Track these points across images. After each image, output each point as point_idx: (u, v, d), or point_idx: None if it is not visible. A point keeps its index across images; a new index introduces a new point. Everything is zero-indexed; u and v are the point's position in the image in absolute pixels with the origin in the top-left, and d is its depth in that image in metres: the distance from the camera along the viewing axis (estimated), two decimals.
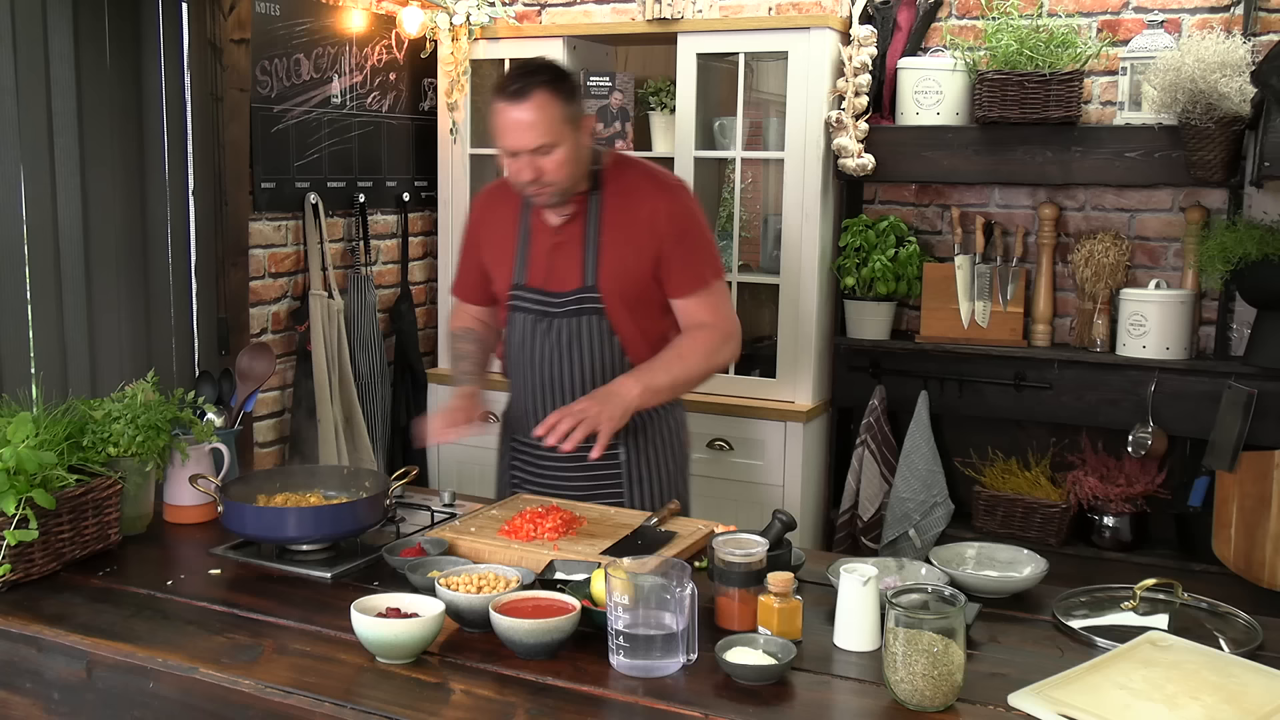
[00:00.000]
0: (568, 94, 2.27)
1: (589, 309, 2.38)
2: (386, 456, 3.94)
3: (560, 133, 2.25)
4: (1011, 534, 3.44)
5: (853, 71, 3.49)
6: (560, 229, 2.40)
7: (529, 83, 2.23)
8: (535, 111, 2.22)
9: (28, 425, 1.94)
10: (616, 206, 2.38)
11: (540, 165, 2.26)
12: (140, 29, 3.13)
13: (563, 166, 2.27)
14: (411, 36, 3.90)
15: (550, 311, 2.40)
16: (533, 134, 2.23)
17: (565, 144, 2.26)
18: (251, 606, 1.86)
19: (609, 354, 2.40)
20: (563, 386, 2.42)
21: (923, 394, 3.63)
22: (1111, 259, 3.43)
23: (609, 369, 2.40)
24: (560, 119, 2.25)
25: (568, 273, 2.39)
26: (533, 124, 2.22)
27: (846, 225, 3.66)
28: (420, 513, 2.33)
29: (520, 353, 2.46)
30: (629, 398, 2.28)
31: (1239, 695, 1.51)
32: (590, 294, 2.37)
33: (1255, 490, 3.09)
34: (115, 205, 3.09)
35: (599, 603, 1.72)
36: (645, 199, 2.38)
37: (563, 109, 2.25)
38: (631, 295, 2.38)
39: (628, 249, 2.37)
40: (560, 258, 2.40)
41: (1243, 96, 3.00)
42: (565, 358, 2.40)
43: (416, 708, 1.52)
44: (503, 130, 2.26)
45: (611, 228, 2.37)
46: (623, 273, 2.37)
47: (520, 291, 2.44)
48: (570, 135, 2.27)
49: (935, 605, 1.57)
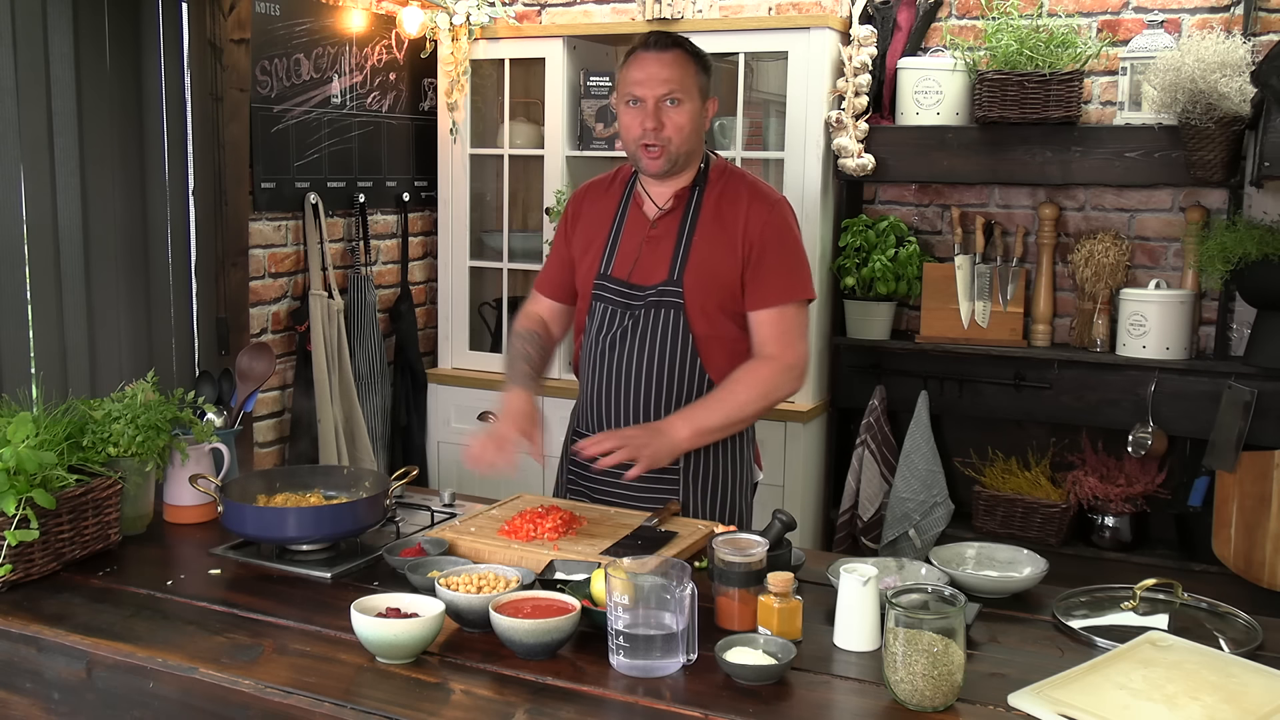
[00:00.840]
0: (704, 65, 2.38)
1: (669, 303, 2.36)
2: (386, 456, 3.94)
3: (690, 92, 2.33)
4: (1011, 534, 3.44)
5: (853, 71, 3.49)
6: (657, 222, 2.41)
7: (674, 40, 2.36)
8: (674, 64, 2.32)
9: (28, 425, 1.94)
10: (715, 208, 2.39)
11: (665, 117, 2.31)
12: (140, 29, 3.13)
13: (683, 128, 2.32)
14: (411, 36, 3.90)
15: (632, 304, 2.39)
16: (667, 84, 2.31)
17: (691, 105, 2.33)
18: (251, 606, 1.86)
19: (683, 352, 2.37)
20: (632, 380, 2.39)
21: (923, 394, 3.63)
22: (1111, 259, 3.43)
23: (681, 368, 2.37)
24: (694, 80, 2.34)
25: (655, 266, 2.38)
26: (669, 76, 2.31)
27: (846, 225, 3.66)
28: (420, 513, 2.33)
29: (597, 342, 2.43)
30: (677, 440, 2.28)
31: (1239, 695, 1.51)
32: (673, 288, 2.36)
33: (1255, 490, 3.09)
34: (115, 205, 3.09)
35: (599, 603, 1.72)
36: (744, 204, 2.38)
37: (697, 74, 2.35)
38: (714, 297, 2.36)
39: (718, 250, 2.36)
40: (650, 251, 2.40)
41: (1243, 96, 3.00)
42: (640, 351, 2.38)
43: (416, 708, 1.52)
44: (636, 77, 2.33)
45: (706, 227, 2.38)
46: (709, 273, 2.35)
47: (605, 281, 2.42)
48: (698, 101, 2.35)
49: (935, 605, 1.57)
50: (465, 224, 4.02)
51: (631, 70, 2.34)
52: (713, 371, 2.37)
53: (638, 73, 2.33)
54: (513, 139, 3.98)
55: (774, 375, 2.34)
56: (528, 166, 4.10)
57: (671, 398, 2.38)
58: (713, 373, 2.37)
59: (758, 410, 2.36)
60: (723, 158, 2.50)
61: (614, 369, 2.40)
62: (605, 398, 2.42)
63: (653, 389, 2.38)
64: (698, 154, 2.40)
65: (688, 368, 2.37)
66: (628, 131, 2.35)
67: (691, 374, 2.38)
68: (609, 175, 2.55)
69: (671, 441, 2.26)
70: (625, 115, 2.36)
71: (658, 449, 2.24)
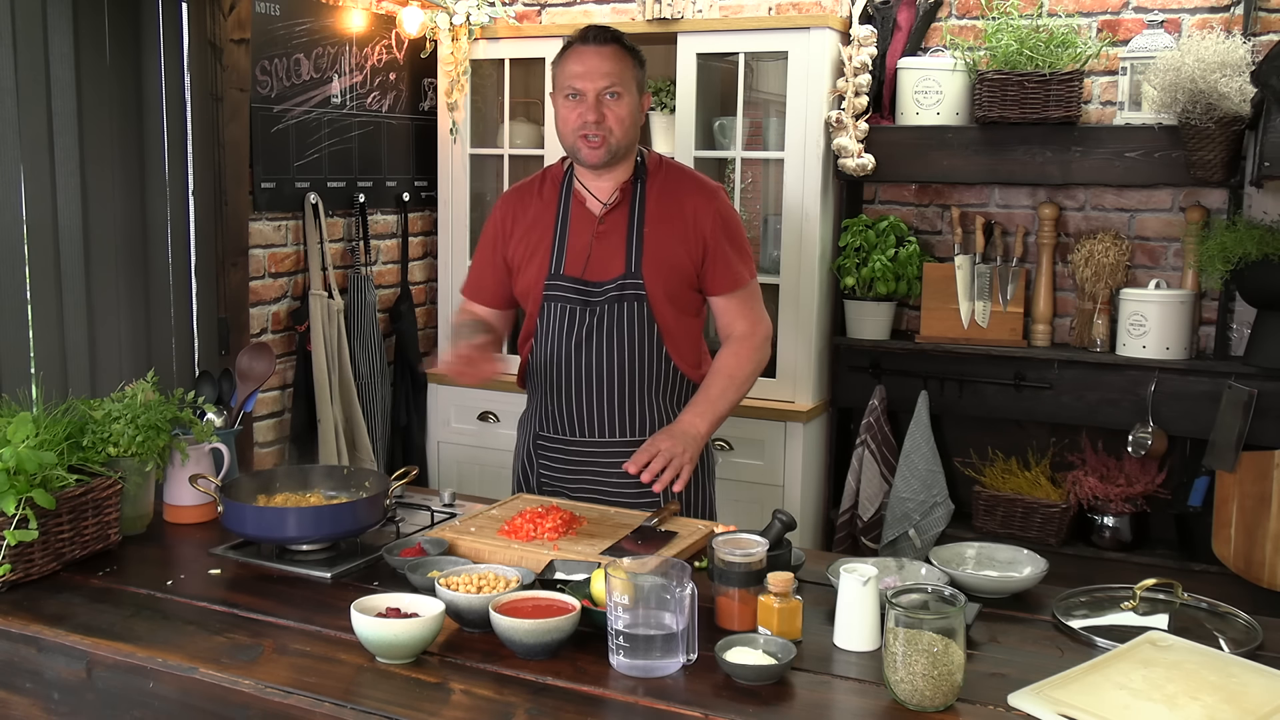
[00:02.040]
0: (639, 60, 2.43)
1: (631, 296, 2.39)
2: (386, 456, 3.94)
3: (629, 85, 2.38)
4: (1011, 534, 3.44)
5: (853, 71, 3.49)
6: (604, 217, 2.43)
7: (610, 34, 2.40)
8: (613, 57, 2.37)
9: (28, 425, 1.94)
10: (660, 199, 2.43)
11: (605, 109, 2.35)
12: (140, 29, 3.13)
13: (624, 120, 2.37)
14: (411, 36, 3.90)
15: (591, 300, 2.40)
16: (608, 77, 2.35)
17: (630, 99, 2.38)
18: (251, 606, 1.86)
19: (649, 343, 2.41)
20: (601, 375, 2.42)
21: (923, 394, 3.63)
22: (1111, 259, 3.43)
23: (650, 359, 2.42)
24: (631, 74, 2.39)
25: (610, 261, 2.41)
26: (609, 69, 2.35)
27: (846, 225, 3.66)
28: (420, 513, 2.33)
29: (556, 343, 2.44)
30: (699, 435, 2.36)
31: (1239, 695, 1.51)
32: (633, 280, 2.39)
33: (1255, 490, 3.09)
34: (115, 205, 3.09)
35: (599, 603, 1.72)
36: (690, 195, 2.44)
37: (634, 68, 2.40)
38: (672, 287, 2.42)
39: (671, 241, 2.41)
40: (602, 246, 2.42)
41: (1243, 96, 3.00)
42: (605, 345, 2.40)
43: (416, 708, 1.52)
44: (575, 70, 2.37)
45: (655, 219, 2.42)
46: (665, 263, 2.40)
47: (558, 281, 2.43)
48: (635, 95, 2.40)
49: (935, 605, 1.57)
50: (465, 224, 4.02)
51: (570, 63, 2.38)
52: (678, 359, 2.45)
53: (577, 65, 2.36)
54: (513, 139, 3.98)
55: (758, 350, 2.49)
56: (528, 166, 4.09)
57: (643, 390, 2.43)
58: (678, 360, 2.45)
59: (751, 383, 2.49)
60: (655, 151, 2.57)
61: (582, 368, 2.43)
62: (575, 398, 2.44)
63: (624, 383, 2.42)
64: (635, 147, 2.46)
65: (656, 358, 2.43)
66: (565, 124, 2.39)
67: (660, 364, 2.43)
68: (535, 178, 2.56)
69: (698, 439, 2.36)
70: (564, 108, 2.39)
71: (694, 454, 2.33)
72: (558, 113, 2.41)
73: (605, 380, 2.42)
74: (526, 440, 2.57)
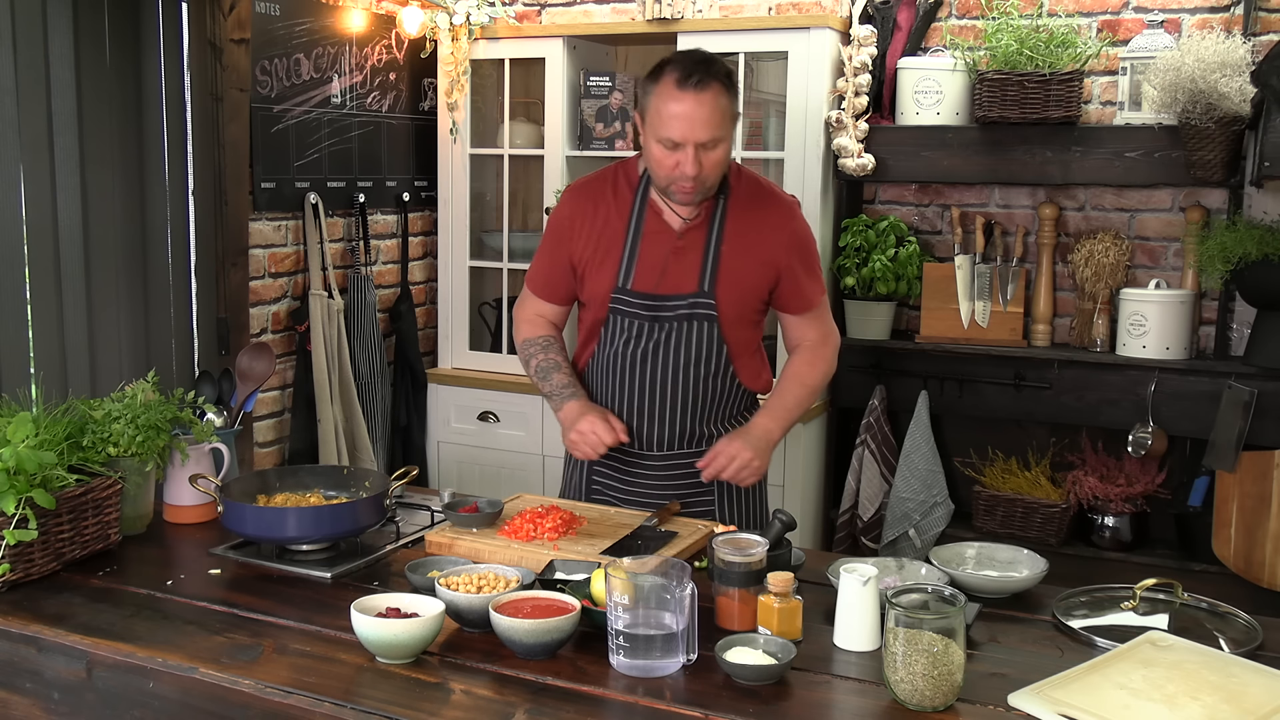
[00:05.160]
0: (734, 90, 2.26)
1: (702, 315, 2.33)
2: (386, 456, 3.94)
3: (728, 129, 2.24)
4: (1011, 534, 3.44)
5: (853, 71, 3.49)
6: (684, 233, 2.34)
7: (708, 74, 2.18)
8: (713, 104, 2.17)
9: (28, 425, 1.94)
10: (741, 217, 2.35)
11: (704, 159, 2.20)
12: (140, 29, 3.13)
13: (720, 165, 2.24)
14: (411, 36, 3.90)
15: (661, 315, 2.34)
16: (708, 128, 2.18)
17: (727, 141, 2.24)
18: (251, 606, 1.86)
19: (717, 362, 2.36)
20: (666, 392, 2.37)
21: (923, 394, 3.63)
22: (1111, 259, 3.43)
23: (716, 378, 2.37)
24: (729, 115, 2.23)
25: (683, 277, 2.33)
26: (708, 118, 2.17)
27: (846, 225, 3.66)
28: (420, 513, 2.33)
29: (621, 357, 2.38)
30: (773, 440, 2.35)
31: (1239, 695, 1.51)
32: (705, 300, 2.32)
33: (1255, 490, 3.09)
34: (115, 205, 3.09)
35: (599, 603, 1.72)
36: (771, 213, 2.37)
37: (731, 105, 2.23)
38: (744, 306, 2.36)
39: (749, 260, 2.34)
40: (677, 262, 2.34)
41: (1243, 96, 3.00)
42: (673, 363, 2.35)
43: (416, 708, 1.52)
44: (675, 113, 2.17)
45: (734, 236, 2.34)
46: (739, 283, 2.34)
47: (625, 295, 2.35)
48: (731, 133, 2.27)
49: (935, 605, 1.57)
50: (465, 224, 4.02)
51: (669, 104, 2.17)
52: (743, 376, 2.41)
53: (676, 108, 2.16)
54: (513, 139, 3.98)
55: (829, 359, 2.48)
56: (528, 166, 4.10)
57: (706, 408, 2.39)
58: (743, 377, 2.41)
59: (821, 391, 2.51)
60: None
61: (644, 382, 2.38)
62: (635, 410, 2.39)
63: (688, 401, 2.38)
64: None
65: (722, 377, 2.38)
66: (659, 166, 2.23)
67: (725, 383, 2.39)
68: (608, 174, 2.44)
69: (771, 443, 2.35)
70: (658, 151, 2.21)
71: (765, 462, 2.32)
72: (650, 151, 2.24)
73: (667, 396, 2.37)
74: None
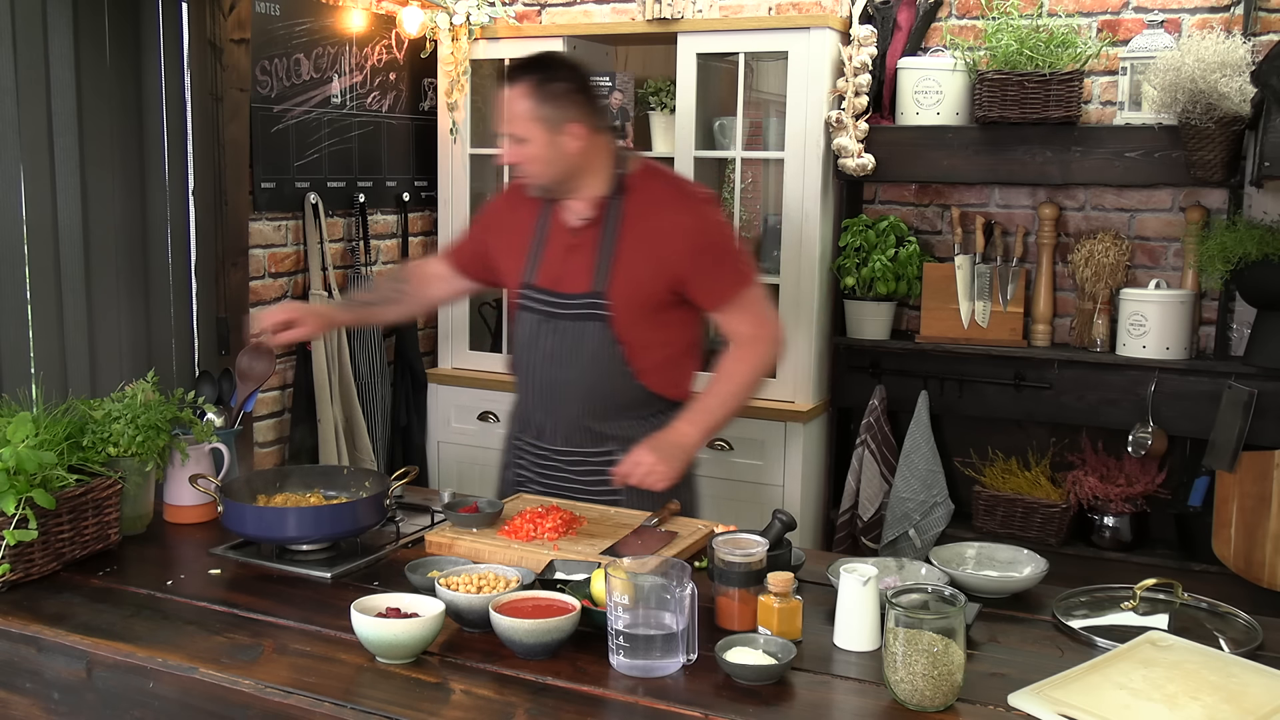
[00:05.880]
0: (546, 95, 2.27)
1: (594, 314, 2.35)
2: (386, 456, 3.94)
3: (529, 129, 2.28)
4: (1011, 534, 3.44)
5: (853, 71, 3.49)
6: (578, 231, 2.40)
7: (518, 72, 2.31)
8: (512, 101, 2.30)
9: (28, 425, 1.94)
10: (638, 216, 2.36)
11: (515, 152, 2.32)
12: (140, 29, 3.13)
13: (533, 162, 2.32)
14: (411, 36, 3.90)
15: (556, 313, 2.39)
16: (509, 124, 2.31)
17: (535, 142, 2.29)
18: (251, 606, 1.86)
19: (610, 361, 2.37)
20: (564, 390, 2.41)
21: (923, 394, 3.63)
22: (1111, 259, 3.43)
23: (612, 377, 2.38)
24: (530, 118, 2.28)
25: (578, 276, 2.37)
26: (511, 114, 2.30)
27: (846, 225, 3.66)
28: (420, 513, 2.32)
29: (525, 352, 2.45)
30: (689, 445, 2.33)
31: (1239, 695, 1.51)
32: (597, 299, 2.35)
33: (1255, 490, 3.09)
34: (115, 205, 3.09)
35: (599, 603, 1.72)
36: (668, 213, 2.36)
37: (535, 107, 2.27)
38: (641, 306, 2.36)
39: (643, 261, 2.34)
40: (573, 260, 2.39)
41: (1243, 96, 3.00)
42: (566, 360, 2.39)
43: (416, 708, 1.52)
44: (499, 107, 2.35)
45: (630, 237, 2.35)
46: (634, 283, 2.35)
47: (529, 291, 2.43)
48: (542, 135, 2.28)
49: (935, 605, 1.57)
50: (465, 224, 4.01)
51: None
52: (645, 378, 2.39)
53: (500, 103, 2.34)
54: None
55: (760, 351, 2.40)
56: None
57: (606, 408, 2.40)
58: (645, 379, 2.39)
59: (753, 388, 2.43)
60: (646, 159, 2.50)
61: (544, 378, 2.43)
62: (543, 406, 2.46)
63: (585, 399, 2.40)
64: (589, 170, 2.36)
65: (620, 378, 2.38)
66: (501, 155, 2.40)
67: (623, 383, 2.39)
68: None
69: (686, 451, 2.33)
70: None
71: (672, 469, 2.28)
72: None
73: (565, 393, 2.41)
74: (508, 435, 2.63)
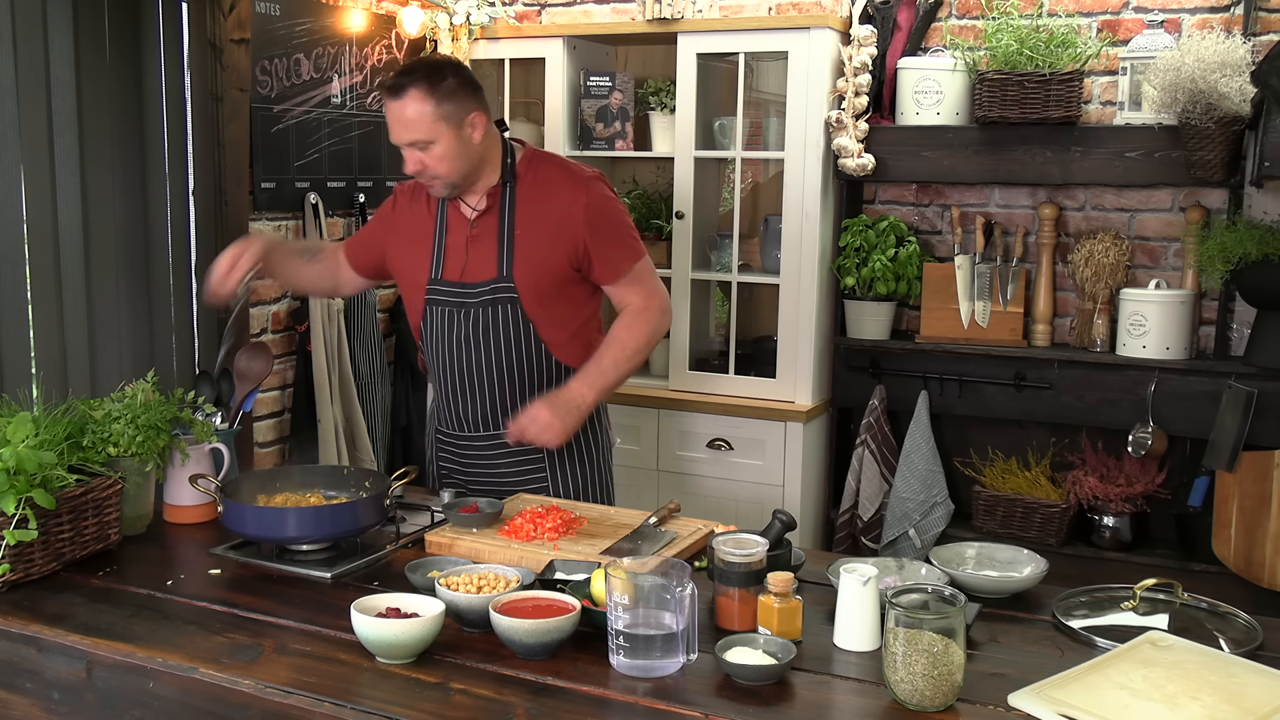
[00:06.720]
0: (443, 93, 2.32)
1: (504, 299, 2.43)
2: (386, 456, 3.94)
3: (435, 130, 2.32)
4: (1011, 534, 3.44)
5: (853, 71, 3.49)
6: (476, 221, 2.46)
7: (403, 81, 2.32)
8: (407, 109, 2.31)
9: (28, 425, 1.94)
10: (531, 200, 2.45)
11: (421, 159, 2.35)
12: (140, 29, 3.12)
13: (443, 161, 2.35)
14: (411, 36, 3.90)
15: (467, 302, 2.45)
16: (408, 130, 2.33)
17: (442, 141, 2.33)
18: (251, 606, 1.86)
19: (526, 342, 2.45)
20: (481, 375, 2.47)
21: (923, 394, 3.63)
22: (1111, 259, 3.43)
23: (528, 357, 2.46)
24: (433, 117, 2.32)
25: (483, 264, 2.44)
26: (406, 121, 2.32)
27: (846, 225, 3.66)
28: (420, 513, 2.33)
29: (440, 345, 2.50)
30: (584, 405, 2.41)
31: (1239, 695, 1.51)
32: (505, 284, 2.42)
33: (1255, 490, 3.09)
34: (115, 205, 3.09)
35: (599, 603, 1.72)
36: (560, 193, 2.45)
37: (436, 108, 2.32)
38: (547, 286, 2.44)
39: (542, 241, 2.42)
40: (476, 250, 2.45)
41: (1243, 96, 3.00)
42: (483, 347, 2.45)
43: (416, 708, 1.52)
44: (389, 123, 2.37)
45: (526, 221, 2.44)
46: (537, 264, 2.42)
47: (438, 286, 2.48)
48: (448, 132, 2.33)
49: (935, 605, 1.57)
50: None
51: (386, 114, 2.37)
52: (559, 353, 2.48)
53: (388, 114, 2.35)
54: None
55: (650, 319, 2.49)
56: None
57: (525, 386, 2.48)
58: (559, 354, 2.48)
59: (645, 353, 2.51)
60: (530, 145, 2.56)
61: (464, 370, 2.48)
62: (462, 398, 2.51)
63: (506, 381, 2.47)
64: (488, 161, 2.44)
65: (534, 356, 2.46)
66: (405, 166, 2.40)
67: (539, 361, 2.47)
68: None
69: (580, 409, 2.40)
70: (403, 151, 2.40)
71: (567, 424, 2.36)
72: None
73: (487, 379, 2.47)
74: (430, 432, 2.69)
